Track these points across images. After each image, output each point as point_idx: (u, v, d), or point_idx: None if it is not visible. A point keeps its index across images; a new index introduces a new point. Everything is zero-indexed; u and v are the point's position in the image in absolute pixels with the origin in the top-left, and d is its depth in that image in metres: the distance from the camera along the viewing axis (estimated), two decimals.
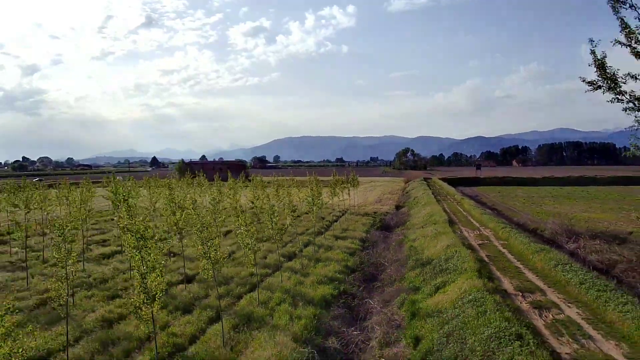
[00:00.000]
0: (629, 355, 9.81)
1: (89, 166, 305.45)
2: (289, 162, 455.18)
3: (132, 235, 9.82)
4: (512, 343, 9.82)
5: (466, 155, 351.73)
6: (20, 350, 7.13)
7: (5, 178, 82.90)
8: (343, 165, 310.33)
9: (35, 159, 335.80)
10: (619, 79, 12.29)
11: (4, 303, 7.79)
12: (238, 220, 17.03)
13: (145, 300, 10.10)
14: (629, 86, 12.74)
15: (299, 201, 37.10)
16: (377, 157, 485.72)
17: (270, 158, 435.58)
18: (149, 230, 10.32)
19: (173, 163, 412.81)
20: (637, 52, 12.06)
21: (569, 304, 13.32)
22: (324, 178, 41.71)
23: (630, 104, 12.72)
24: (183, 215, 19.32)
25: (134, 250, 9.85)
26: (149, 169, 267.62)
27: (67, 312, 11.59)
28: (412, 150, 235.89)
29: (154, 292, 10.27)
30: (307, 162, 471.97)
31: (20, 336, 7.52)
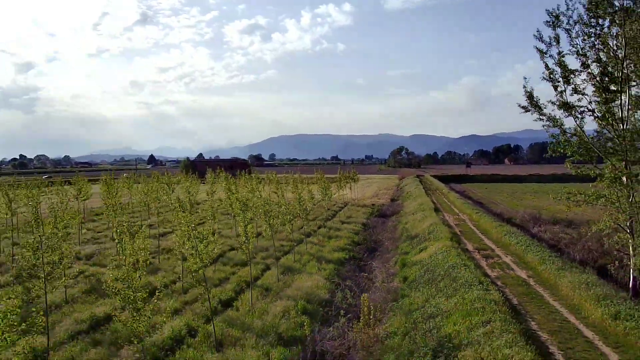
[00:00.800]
0: (530, 275, 16.44)
1: (88, 164, 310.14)
2: (284, 160, 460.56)
3: (239, 203, 16.17)
4: (463, 270, 16.29)
5: (460, 154, 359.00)
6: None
7: (8, 175, 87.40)
8: (339, 163, 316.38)
9: (32, 157, 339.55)
10: (541, 105, 18.82)
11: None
12: (276, 207, 23.46)
13: (244, 240, 16.46)
14: (548, 109, 19.19)
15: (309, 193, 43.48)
16: (373, 156, 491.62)
17: (265, 156, 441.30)
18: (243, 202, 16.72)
19: (170, 161, 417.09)
20: (554, 85, 18.55)
21: (507, 255, 19.97)
22: (327, 175, 48.14)
23: (548, 122, 19.28)
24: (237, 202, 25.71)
25: (241, 213, 16.21)
26: (148, 166, 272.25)
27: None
28: (407, 149, 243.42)
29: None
30: (303, 160, 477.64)
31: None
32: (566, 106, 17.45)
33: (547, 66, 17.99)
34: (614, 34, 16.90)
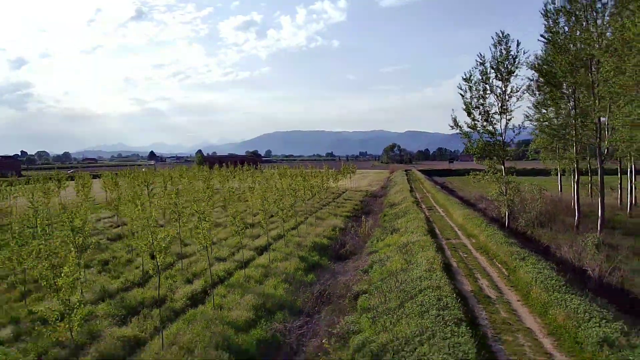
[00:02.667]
0: (445, 213, 31.75)
1: (94, 159, 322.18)
2: (279, 156, 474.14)
3: (290, 188, 31.09)
4: (414, 212, 31.35)
5: (450, 150, 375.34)
6: None
7: (48, 169, 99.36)
8: (334, 159, 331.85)
9: (33, 153, 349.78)
10: (460, 125, 33.86)
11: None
12: (297, 191, 38.45)
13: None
14: (464, 128, 34.05)
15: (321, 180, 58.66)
16: (366, 152, 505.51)
17: (261, 152, 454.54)
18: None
19: (170, 157, 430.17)
20: (467, 114, 33.44)
21: (440, 207, 35.28)
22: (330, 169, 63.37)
23: (463, 137, 34.13)
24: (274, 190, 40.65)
25: (292, 191, 31.11)
26: (151, 162, 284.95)
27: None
28: (399, 146, 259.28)
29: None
30: (299, 156, 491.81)
31: None
32: (472, 127, 32.53)
33: (464, 102, 33.21)
34: (495, 88, 32.04)
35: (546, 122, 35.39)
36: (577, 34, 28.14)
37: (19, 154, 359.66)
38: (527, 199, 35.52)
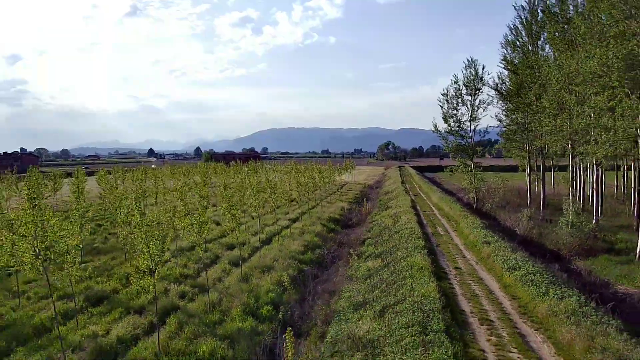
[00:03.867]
0: (427, 197, 41.69)
1: (97, 156, 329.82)
2: (275, 153, 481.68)
3: (300, 184, 40.87)
4: (402, 195, 41.18)
5: (443, 148, 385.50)
6: None
7: (72, 165, 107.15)
8: (329, 156, 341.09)
9: (32, 150, 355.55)
10: (440, 130, 43.81)
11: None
12: (306, 184, 48.17)
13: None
14: (443, 132, 44.05)
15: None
16: (361, 149, 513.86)
17: (256, 149, 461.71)
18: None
19: (169, 154, 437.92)
20: (444, 120, 43.50)
21: (424, 193, 45.17)
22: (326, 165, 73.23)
23: (441, 139, 44.34)
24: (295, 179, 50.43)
25: (301, 185, 40.81)
26: (152, 159, 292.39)
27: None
28: (393, 144, 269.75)
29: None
30: (295, 153, 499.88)
31: None
32: (449, 131, 42.29)
33: (442, 112, 42.89)
34: (466, 101, 41.79)
35: (504, 128, 45.31)
36: (522, 64, 38.12)
37: (19, 150, 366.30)
38: (493, 188, 45.52)
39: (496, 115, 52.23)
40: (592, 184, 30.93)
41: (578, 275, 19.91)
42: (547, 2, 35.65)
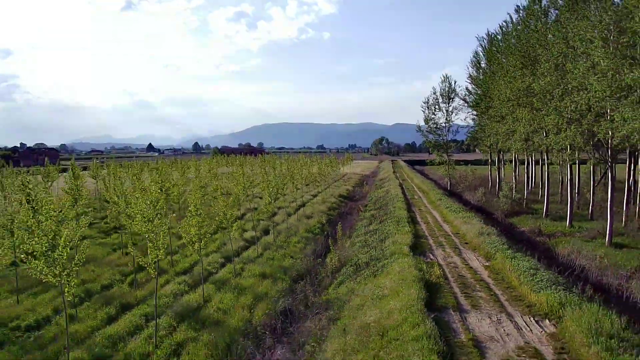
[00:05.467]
0: (412, 182, 54.44)
1: (100, 151, 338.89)
2: (270, 148, 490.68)
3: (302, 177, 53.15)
4: (393, 179, 53.74)
5: None
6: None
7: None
8: (324, 151, 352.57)
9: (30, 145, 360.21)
10: (422, 130, 56.53)
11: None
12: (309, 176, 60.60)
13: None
14: (425, 132, 56.84)
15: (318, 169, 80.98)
16: (355, 144, 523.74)
17: (252, 144, 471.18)
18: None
19: (167, 149, 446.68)
20: (425, 122, 56.25)
21: (413, 181, 57.89)
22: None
23: (423, 137, 57.21)
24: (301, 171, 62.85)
25: (304, 179, 53.14)
26: (155, 154, 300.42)
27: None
28: (387, 139, 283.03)
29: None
30: (290, 148, 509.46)
31: None
32: (429, 131, 54.94)
33: (424, 116, 55.55)
34: (442, 108, 54.40)
35: (472, 129, 57.88)
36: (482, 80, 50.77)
37: (18, 145, 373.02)
38: (464, 175, 58.34)
39: (465, 119, 64.94)
40: (526, 172, 43.77)
41: (500, 223, 32.66)
42: (494, 40, 48.36)
